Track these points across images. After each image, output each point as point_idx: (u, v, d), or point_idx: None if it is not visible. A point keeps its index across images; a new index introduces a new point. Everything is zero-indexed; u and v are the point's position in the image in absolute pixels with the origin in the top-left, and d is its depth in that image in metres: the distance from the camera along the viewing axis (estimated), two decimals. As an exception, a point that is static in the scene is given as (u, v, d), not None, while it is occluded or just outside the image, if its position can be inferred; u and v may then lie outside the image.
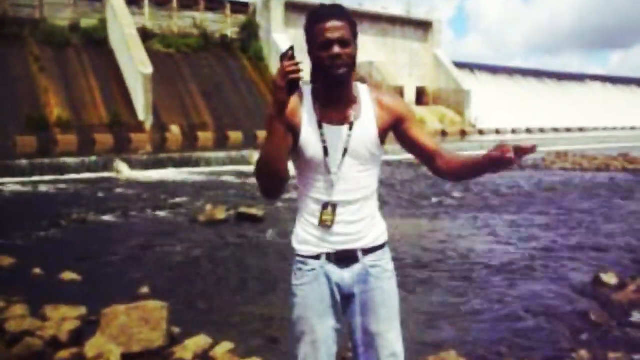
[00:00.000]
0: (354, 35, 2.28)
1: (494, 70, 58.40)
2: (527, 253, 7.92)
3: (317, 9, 2.30)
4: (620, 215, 10.89)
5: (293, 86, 2.12)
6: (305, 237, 2.41)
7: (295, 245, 2.45)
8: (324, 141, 2.30)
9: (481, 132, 42.52)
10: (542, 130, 50.16)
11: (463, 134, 40.24)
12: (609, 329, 5.04)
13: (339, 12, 2.27)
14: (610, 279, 6.30)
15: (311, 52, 2.27)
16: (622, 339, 4.86)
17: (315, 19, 2.26)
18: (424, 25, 46.21)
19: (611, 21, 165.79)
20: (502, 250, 8.17)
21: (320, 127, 2.31)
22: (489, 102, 46.96)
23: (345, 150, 2.31)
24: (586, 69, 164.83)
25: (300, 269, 2.43)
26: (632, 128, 60.17)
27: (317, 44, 2.24)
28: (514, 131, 47.28)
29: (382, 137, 2.37)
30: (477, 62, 58.03)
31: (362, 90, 2.39)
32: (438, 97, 44.98)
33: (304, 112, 2.33)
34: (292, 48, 2.13)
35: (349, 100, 2.34)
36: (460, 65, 48.81)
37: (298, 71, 2.09)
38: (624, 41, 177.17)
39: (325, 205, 2.34)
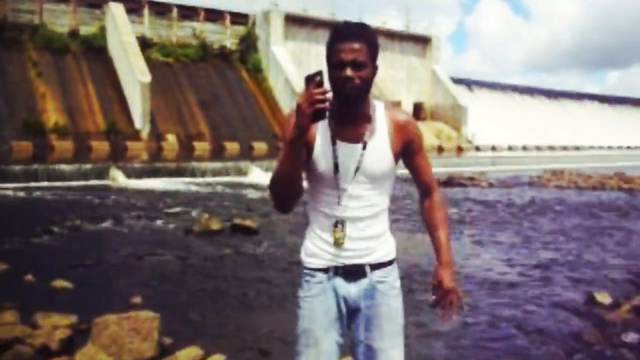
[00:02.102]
0: (373, 57, 2.25)
1: (491, 86, 58.63)
2: (521, 271, 7.90)
3: (340, 27, 2.27)
4: (615, 235, 10.89)
5: (318, 115, 2.07)
6: (315, 250, 2.40)
7: (304, 257, 2.44)
8: (335, 157, 2.29)
9: (478, 149, 42.65)
10: (538, 148, 50.33)
11: (459, 150, 40.32)
12: (602, 349, 5.02)
13: (358, 32, 2.23)
14: (604, 298, 6.28)
15: (328, 70, 2.25)
16: (616, 359, 4.84)
17: (334, 38, 2.24)
18: (422, 41, 46.41)
19: (610, 41, 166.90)
20: (496, 268, 8.15)
21: (334, 143, 2.30)
22: (486, 119, 47.11)
23: (357, 169, 2.30)
24: (583, 87, 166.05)
25: (307, 282, 2.42)
26: (628, 147, 60.40)
27: (331, 63, 2.23)
28: (510, 148, 47.43)
29: (396, 156, 2.36)
30: (475, 79, 58.26)
31: (378, 108, 2.37)
32: (435, 113, 45.10)
33: (319, 128, 2.31)
34: (320, 73, 2.08)
35: (364, 118, 2.32)
36: (457, 82, 49.00)
37: (326, 100, 2.05)
38: (621, 61, 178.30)
39: (336, 224, 2.34)
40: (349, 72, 2.18)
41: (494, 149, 44.92)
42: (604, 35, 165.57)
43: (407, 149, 2.38)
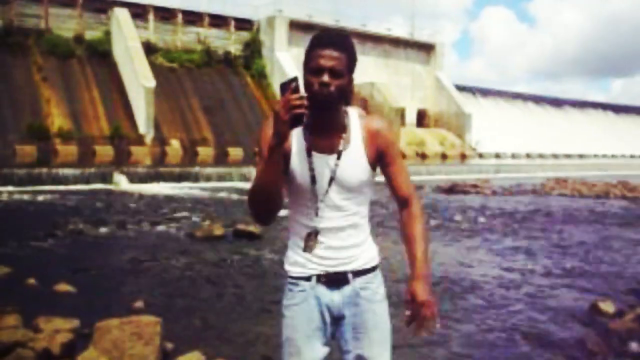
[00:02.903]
0: (350, 68, 2.23)
1: (495, 94, 58.67)
2: (524, 278, 7.87)
3: (322, 34, 2.26)
4: (619, 243, 10.86)
5: (296, 120, 2.06)
6: (296, 258, 2.40)
7: (287, 266, 2.45)
8: (312, 169, 2.28)
9: (481, 156, 42.62)
10: (541, 156, 50.29)
11: (463, 157, 40.31)
12: (606, 358, 4.99)
13: (339, 41, 2.22)
14: (608, 307, 6.25)
15: (304, 74, 2.23)
16: (619, 368, 4.81)
17: (314, 43, 2.22)
18: (426, 48, 46.45)
19: (615, 49, 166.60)
20: (499, 275, 8.13)
21: (309, 155, 2.29)
22: (490, 126, 47.11)
23: (332, 179, 2.28)
24: (588, 95, 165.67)
25: (290, 290, 2.42)
26: (632, 156, 60.30)
27: (309, 68, 2.21)
28: (513, 156, 47.40)
29: (372, 164, 2.33)
30: (479, 86, 58.32)
31: (352, 117, 2.35)
32: (439, 120, 45.10)
33: (294, 139, 2.30)
34: (295, 79, 2.07)
35: (338, 128, 2.30)
36: (461, 89, 49.02)
37: (303, 105, 2.04)
38: (626, 69, 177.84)
39: (309, 234, 2.34)
40: (326, 77, 2.16)
41: (497, 156, 44.90)
42: (609, 43, 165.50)
43: (382, 157, 2.34)
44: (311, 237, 2.33)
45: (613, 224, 13.44)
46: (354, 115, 2.36)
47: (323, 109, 2.23)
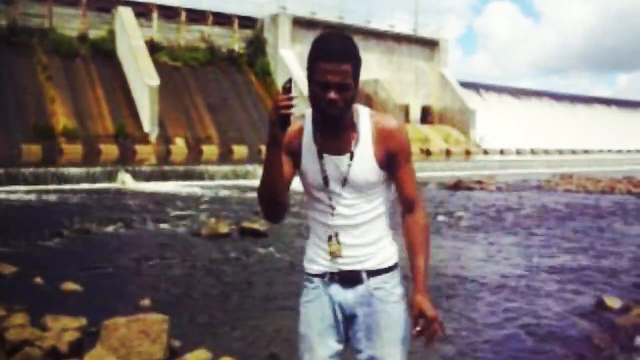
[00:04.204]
0: (357, 76, 2.20)
1: (499, 90, 58.55)
2: (530, 274, 7.87)
3: (324, 42, 2.19)
4: (625, 239, 10.84)
5: (284, 121, 2.08)
6: (313, 256, 2.43)
7: (305, 263, 2.47)
8: (324, 171, 2.30)
9: (486, 153, 42.56)
10: (547, 152, 50.20)
11: (468, 153, 40.24)
12: (612, 354, 5.00)
13: (345, 52, 2.16)
14: (614, 302, 6.24)
15: (310, 83, 2.20)
16: (626, 364, 4.81)
17: (318, 55, 2.17)
18: (430, 44, 46.36)
19: (621, 44, 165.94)
20: (504, 270, 8.12)
21: (321, 157, 2.30)
22: (495, 123, 47.00)
23: (345, 180, 2.29)
24: (594, 90, 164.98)
25: (306, 287, 2.45)
26: (638, 151, 60.12)
27: (315, 80, 2.17)
28: (518, 152, 47.32)
29: (381, 164, 2.31)
30: (483, 83, 58.21)
31: (362, 115, 2.33)
32: (443, 117, 45.02)
33: (304, 140, 2.33)
34: (290, 81, 2.10)
35: (349, 128, 2.30)
36: (466, 85, 48.91)
37: (290, 107, 2.05)
38: (633, 64, 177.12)
39: (330, 238, 2.35)
40: (333, 95, 2.14)
41: (502, 152, 44.83)
42: (615, 38, 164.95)
43: (392, 160, 2.32)
44: (333, 242, 2.35)
45: (619, 220, 13.41)
46: (364, 114, 2.34)
47: (331, 123, 2.24)
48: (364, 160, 2.29)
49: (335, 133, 2.29)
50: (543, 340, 5.29)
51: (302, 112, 2.37)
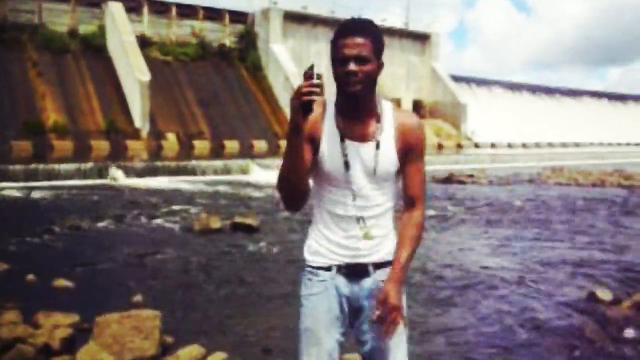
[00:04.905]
0: (377, 53, 2.23)
1: (490, 84, 58.56)
2: (521, 267, 7.91)
3: (345, 23, 2.26)
4: (615, 231, 10.90)
5: (307, 108, 2.05)
6: (318, 248, 2.40)
7: (307, 256, 2.44)
8: (345, 155, 2.28)
9: (477, 146, 42.63)
10: (537, 145, 50.32)
11: (459, 147, 40.30)
12: (603, 345, 5.03)
13: (363, 27, 2.22)
14: (605, 294, 6.29)
15: (332, 67, 2.24)
16: (617, 355, 4.85)
17: (338, 33, 2.23)
18: (422, 38, 46.33)
19: (612, 38, 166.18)
20: (496, 264, 8.16)
21: (342, 141, 2.29)
22: (486, 116, 47.06)
23: (374, 170, 2.29)
24: (586, 84, 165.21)
25: (310, 280, 2.42)
26: (628, 144, 60.40)
27: (335, 59, 2.22)
28: (509, 145, 47.39)
29: (399, 157, 2.33)
30: (475, 76, 58.17)
31: (386, 108, 2.35)
32: (435, 110, 45.03)
33: (326, 125, 2.31)
34: (312, 67, 2.06)
35: (372, 116, 2.31)
36: (457, 79, 48.93)
37: (313, 93, 2.04)
38: (623, 57, 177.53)
39: (358, 220, 2.33)
40: (352, 66, 2.17)
41: (493, 146, 44.89)
42: (606, 32, 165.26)
43: (407, 154, 2.34)
44: (361, 224, 2.34)
45: (609, 212, 13.48)
46: (387, 106, 2.37)
47: (354, 98, 2.24)
48: (387, 151, 2.30)
49: (358, 117, 2.29)
50: (534, 332, 5.33)
51: (324, 98, 2.35)
